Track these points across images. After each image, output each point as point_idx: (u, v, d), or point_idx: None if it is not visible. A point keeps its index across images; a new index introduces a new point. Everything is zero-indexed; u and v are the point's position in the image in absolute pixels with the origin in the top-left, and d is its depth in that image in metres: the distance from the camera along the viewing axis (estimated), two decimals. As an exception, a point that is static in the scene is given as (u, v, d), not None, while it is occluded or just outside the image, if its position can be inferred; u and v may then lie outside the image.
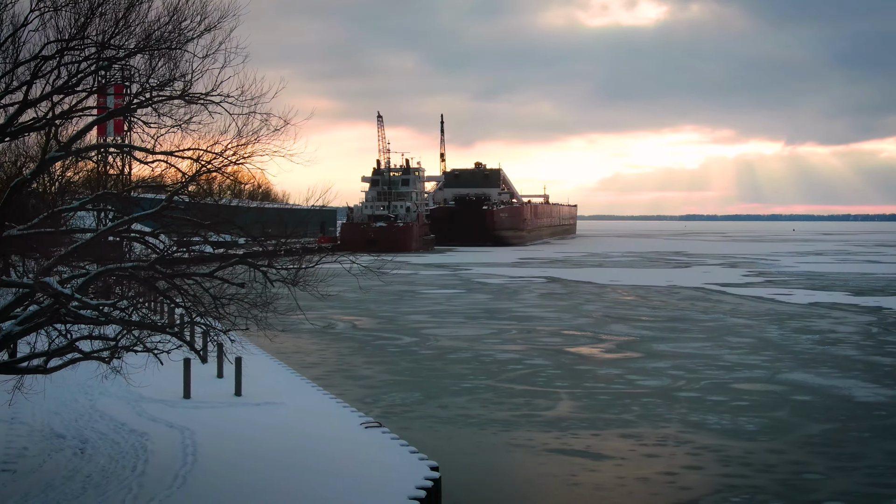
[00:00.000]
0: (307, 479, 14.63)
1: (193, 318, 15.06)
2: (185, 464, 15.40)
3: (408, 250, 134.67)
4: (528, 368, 34.06)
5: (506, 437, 23.75)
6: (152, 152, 13.22)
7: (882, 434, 24.25)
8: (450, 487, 19.09)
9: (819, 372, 33.42)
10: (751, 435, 23.97)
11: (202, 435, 17.44)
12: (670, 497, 18.74)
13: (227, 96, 13.17)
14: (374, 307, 57.33)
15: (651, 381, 31.56)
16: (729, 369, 33.89)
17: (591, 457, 21.92)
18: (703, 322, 48.87)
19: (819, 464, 21.29)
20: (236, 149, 13.36)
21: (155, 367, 25.78)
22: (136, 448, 16.37)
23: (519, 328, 46.19)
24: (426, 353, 37.95)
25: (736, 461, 21.47)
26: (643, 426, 24.92)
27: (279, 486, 14.23)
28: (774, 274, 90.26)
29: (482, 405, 27.62)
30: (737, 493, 19.01)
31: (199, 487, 14.13)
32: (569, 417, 26.01)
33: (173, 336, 14.26)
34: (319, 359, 36.75)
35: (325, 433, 17.98)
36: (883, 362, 35.80)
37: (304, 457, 16.12)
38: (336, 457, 16.10)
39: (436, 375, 32.66)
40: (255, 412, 20.02)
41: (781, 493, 19.05)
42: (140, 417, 19.04)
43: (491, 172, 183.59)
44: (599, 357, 37.13)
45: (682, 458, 21.82)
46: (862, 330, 45.72)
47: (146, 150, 13.16)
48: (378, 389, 30.04)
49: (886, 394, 29.58)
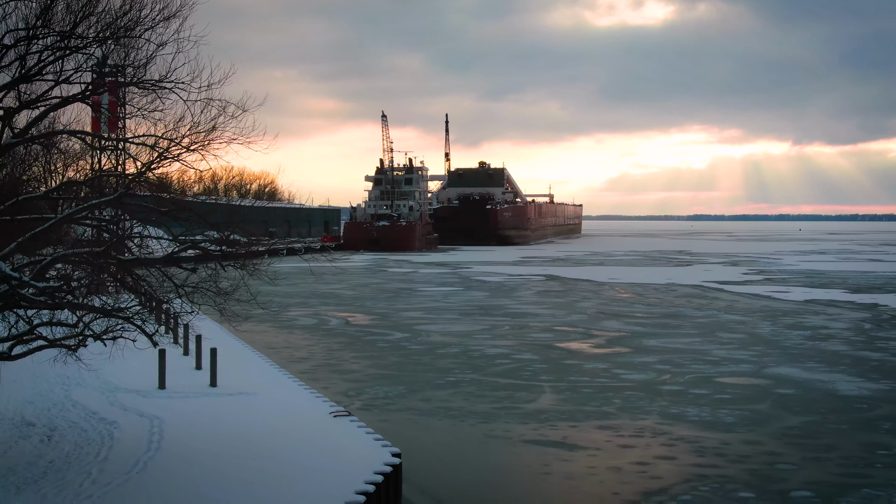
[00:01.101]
0: (265, 465, 14.73)
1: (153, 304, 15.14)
2: (149, 450, 15.53)
3: (411, 249, 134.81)
4: (515, 363, 34.11)
5: (483, 429, 23.82)
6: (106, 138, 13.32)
7: (860, 426, 24.24)
8: (415, 475, 19.23)
9: (805, 366, 33.41)
10: (728, 427, 23.99)
11: (170, 423, 17.57)
12: (640, 486, 18.78)
13: (178, 82, 13.26)
14: (370, 304, 57.44)
15: (636, 375, 31.60)
16: (716, 364, 33.90)
17: (565, 447, 21.98)
18: (696, 319, 48.84)
19: (793, 455, 21.31)
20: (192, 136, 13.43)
21: (133, 359, 25.95)
22: (102, 436, 16.50)
23: (511, 324, 46.23)
24: (415, 349, 38.03)
25: (710, 452, 21.50)
26: (622, 418, 24.96)
27: (236, 471, 14.34)
28: (774, 272, 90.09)
29: (464, 398, 27.69)
30: (707, 482, 19.04)
31: (159, 473, 14.25)
32: (549, 410, 26.06)
33: (126, 321, 14.35)
34: (308, 353, 36.85)
35: (293, 422, 18.09)
36: (871, 357, 35.74)
37: (266, 444, 16.23)
38: (299, 444, 16.20)
39: (422, 370, 32.73)
40: (227, 402, 20.14)
41: (751, 482, 19.07)
42: (112, 407, 19.18)
43: (495, 172, 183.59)
44: (588, 352, 37.15)
45: (657, 448, 21.85)
46: (854, 326, 45.65)
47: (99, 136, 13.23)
48: (362, 383, 30.13)
49: (870, 387, 29.55)
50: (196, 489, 13.39)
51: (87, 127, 23.15)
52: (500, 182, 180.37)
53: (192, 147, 13.47)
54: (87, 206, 13.39)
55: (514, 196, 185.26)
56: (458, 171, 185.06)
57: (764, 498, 17.99)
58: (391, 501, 14.32)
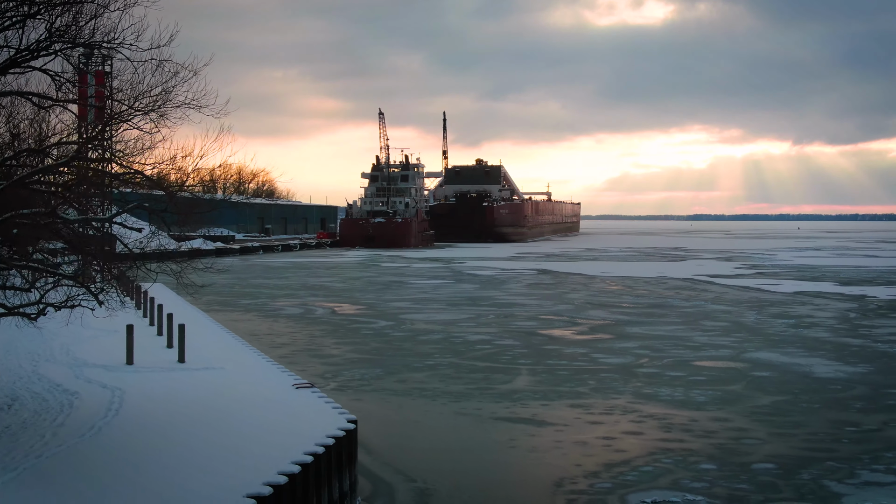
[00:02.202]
0: (219, 428, 14.79)
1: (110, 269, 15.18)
2: (106, 417, 15.59)
3: (406, 246, 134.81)
4: (495, 349, 34.15)
5: (454, 407, 23.88)
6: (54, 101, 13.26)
7: (831, 405, 24.28)
8: (376, 446, 19.54)
9: (785, 351, 33.46)
10: (699, 405, 24.04)
11: (131, 394, 17.62)
12: (603, 458, 18.83)
13: (124, 43, 13.25)
14: (358, 295, 57.48)
15: (614, 359, 31.65)
16: (696, 349, 33.94)
17: (534, 423, 22.03)
18: (682, 308, 48.88)
19: (760, 431, 21.35)
20: (144, 98, 13.43)
21: (106, 339, 26.09)
22: (62, 404, 16.56)
23: (497, 313, 46.27)
24: (398, 335, 38.08)
25: (678, 428, 21.55)
26: (594, 398, 25.00)
27: (188, 434, 14.39)
28: (767, 267, 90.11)
29: (440, 380, 27.74)
30: (670, 455, 19.09)
31: (111, 436, 14.31)
32: (523, 390, 26.11)
33: (75, 283, 14.37)
34: (290, 340, 36.89)
35: (254, 393, 18.15)
36: (852, 343, 35.78)
37: (224, 411, 16.29)
38: (256, 412, 16.25)
39: (402, 354, 32.78)
40: (192, 375, 20.20)
41: (715, 455, 19.11)
42: (77, 380, 19.25)
43: (492, 169, 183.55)
44: (569, 338, 37.20)
45: (625, 425, 21.91)
46: (840, 315, 45.69)
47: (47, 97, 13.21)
48: (341, 367, 30.17)
49: (847, 370, 29.59)
50: (144, 449, 13.44)
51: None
52: (497, 179, 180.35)
53: (143, 109, 13.46)
54: (37, 171, 13.40)
55: (510, 193, 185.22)
56: (455, 169, 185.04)
57: (725, 469, 18.03)
58: (343, 465, 14.35)
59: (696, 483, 17.07)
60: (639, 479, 17.38)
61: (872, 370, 29.71)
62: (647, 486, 16.91)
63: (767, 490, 16.73)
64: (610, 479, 17.38)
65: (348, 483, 14.64)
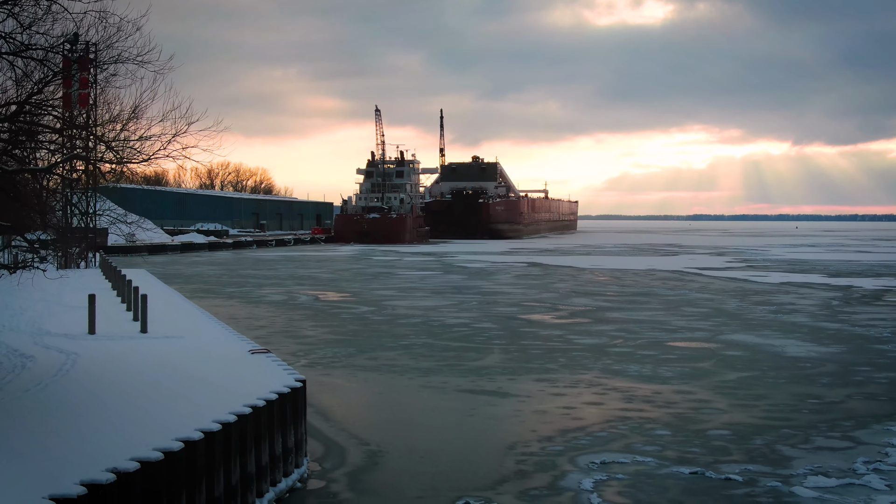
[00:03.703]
0: (166, 384, 14.84)
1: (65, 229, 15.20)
2: (56, 376, 15.63)
3: (401, 242, 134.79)
4: (472, 331, 34.18)
5: (420, 381, 23.92)
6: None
7: (798, 381, 24.31)
8: (332, 412, 19.78)
9: (760, 334, 33.50)
10: (664, 380, 24.08)
11: (86, 358, 17.67)
12: (560, 425, 18.86)
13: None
14: (344, 284, 57.53)
15: (589, 339, 31.69)
16: (672, 332, 34.00)
17: (497, 395, 22.07)
18: (666, 297, 48.93)
19: (721, 402, 21.38)
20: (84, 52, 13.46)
21: (75, 312, 26.15)
22: (16, 366, 16.60)
23: (480, 300, 46.31)
24: (377, 319, 38.12)
25: (639, 399, 21.59)
26: (562, 373, 25.04)
27: (133, 390, 14.45)
28: (759, 261, 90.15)
29: (411, 357, 27.78)
30: (627, 423, 19.13)
31: (57, 391, 14.35)
32: (492, 367, 26.14)
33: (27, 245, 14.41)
34: (268, 323, 36.91)
35: (208, 356, 18.19)
36: (829, 327, 35.81)
37: (175, 370, 16.34)
38: (206, 372, 16.30)
39: (377, 336, 32.81)
40: (151, 342, 20.25)
41: (671, 423, 19.15)
42: (35, 346, 19.30)
43: (488, 166, 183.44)
44: (548, 322, 37.24)
45: (588, 396, 21.95)
46: (822, 303, 45.72)
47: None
48: (314, 346, 30.20)
49: (819, 350, 29.63)
50: (89, 399, 13.50)
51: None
52: (494, 177, 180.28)
53: (82, 61, 13.48)
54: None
55: (507, 190, 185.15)
56: (451, 166, 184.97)
57: (679, 435, 18.06)
58: (288, 421, 14.39)
59: (649, 447, 17.10)
60: (592, 443, 17.42)
61: (845, 350, 29.75)
62: (599, 449, 16.95)
63: (718, 453, 16.76)
64: (563, 443, 17.42)
65: (293, 440, 14.66)
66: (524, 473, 15.40)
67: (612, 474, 15.30)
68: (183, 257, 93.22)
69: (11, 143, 13.62)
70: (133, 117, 13.98)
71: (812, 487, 14.67)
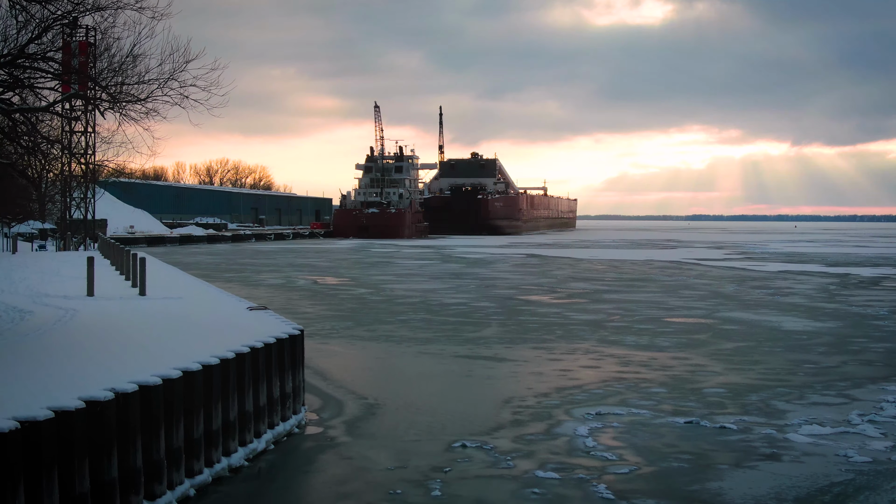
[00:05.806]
0: (166, 332, 14.93)
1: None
2: (54, 325, 15.71)
3: (400, 237, 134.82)
4: (470, 309, 34.28)
5: (418, 349, 24.03)
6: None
7: (794, 349, 24.40)
8: (331, 373, 20.30)
9: (757, 312, 33.62)
10: (661, 348, 24.18)
11: (84, 313, 17.76)
12: (555, 384, 18.96)
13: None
14: (343, 271, 57.63)
15: (587, 316, 31.80)
16: (669, 310, 34.10)
17: (494, 360, 22.18)
18: (663, 282, 49.05)
19: (717, 366, 21.48)
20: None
21: (73, 281, 26.21)
22: (14, 320, 16.67)
23: (478, 284, 46.42)
24: (375, 299, 38.23)
25: (636, 363, 21.71)
26: (559, 343, 25.15)
27: (129, 337, 14.54)
28: (757, 253, 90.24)
29: (409, 330, 27.89)
30: (623, 382, 19.23)
31: (57, 335, 14.44)
32: (490, 337, 26.24)
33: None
34: (267, 301, 36.83)
35: (208, 311, 18.29)
36: (826, 307, 35.90)
37: (174, 322, 16.44)
38: (205, 322, 16.39)
39: (375, 313, 32.91)
40: (149, 303, 20.34)
41: (667, 382, 19.25)
42: (34, 304, 19.39)
43: (487, 162, 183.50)
44: (546, 302, 37.34)
45: (584, 361, 22.06)
46: (819, 288, 45.82)
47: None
48: (313, 320, 30.29)
49: (816, 325, 29.72)
50: (87, 342, 13.59)
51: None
52: (493, 173, 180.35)
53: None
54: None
55: (505, 187, 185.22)
56: (450, 162, 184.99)
57: (675, 393, 18.17)
58: (286, 366, 14.49)
59: (644, 402, 17.21)
60: (588, 398, 17.53)
61: (841, 325, 29.86)
62: (595, 403, 17.04)
63: (713, 407, 16.86)
64: (559, 398, 17.52)
65: (291, 386, 14.77)
66: (520, 422, 15.50)
67: (608, 423, 15.41)
68: (182, 248, 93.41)
69: (10, 88, 13.69)
70: (130, 58, 14.03)
71: (807, 435, 14.77)
